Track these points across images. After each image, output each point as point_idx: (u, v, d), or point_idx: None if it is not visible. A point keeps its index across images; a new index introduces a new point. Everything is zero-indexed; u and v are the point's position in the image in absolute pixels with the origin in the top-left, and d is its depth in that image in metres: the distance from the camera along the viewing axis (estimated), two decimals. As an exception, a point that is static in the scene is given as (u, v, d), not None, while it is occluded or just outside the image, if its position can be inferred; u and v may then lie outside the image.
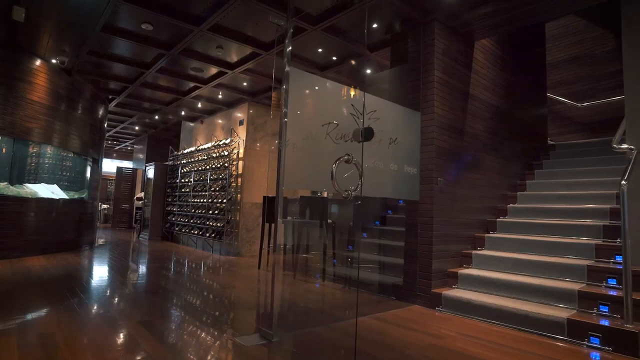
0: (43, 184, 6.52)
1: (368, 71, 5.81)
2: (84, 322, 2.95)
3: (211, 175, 8.05)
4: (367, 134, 2.93)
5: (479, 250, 4.37)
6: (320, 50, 5.22)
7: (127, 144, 14.57)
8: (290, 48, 3.09)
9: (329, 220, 5.29)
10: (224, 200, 7.46)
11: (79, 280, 4.46)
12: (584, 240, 3.84)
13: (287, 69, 2.97)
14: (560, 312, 3.07)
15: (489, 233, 4.63)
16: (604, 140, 5.75)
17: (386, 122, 3.77)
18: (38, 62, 6.00)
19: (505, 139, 5.28)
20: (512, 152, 5.44)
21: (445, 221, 4.11)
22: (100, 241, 8.81)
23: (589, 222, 4.03)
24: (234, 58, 5.72)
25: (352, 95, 4.01)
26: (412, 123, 4.13)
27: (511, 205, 4.96)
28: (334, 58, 5.45)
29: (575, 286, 3.27)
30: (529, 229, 4.37)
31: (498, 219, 4.70)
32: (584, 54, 7.25)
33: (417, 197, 4.08)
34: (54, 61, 6.09)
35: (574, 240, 3.89)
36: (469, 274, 3.94)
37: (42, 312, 3.19)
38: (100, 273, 5.15)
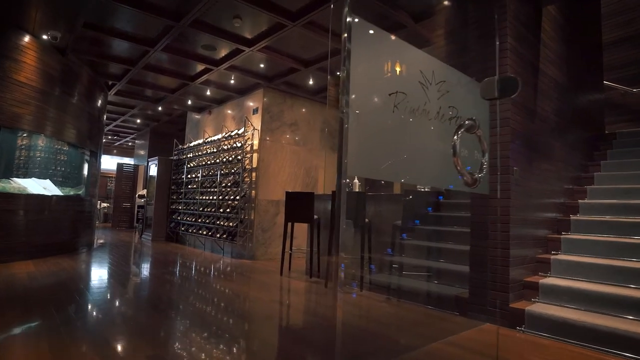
0: (34, 179, 5.76)
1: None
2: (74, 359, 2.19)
3: (222, 169, 7.29)
4: (507, 86, 2.15)
5: (556, 254, 3.62)
6: (357, 20, 4.46)
7: (127, 139, 13.81)
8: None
9: (366, 220, 4.55)
10: (237, 197, 6.71)
11: (71, 292, 3.71)
12: (699, 243, 3.09)
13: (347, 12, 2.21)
14: None
15: (563, 234, 3.88)
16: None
17: (455, 97, 3.02)
18: (27, 39, 5.23)
19: (570, 124, 4.54)
20: (574, 140, 4.70)
21: (520, 220, 3.37)
22: (100, 242, 8.06)
23: (698, 220, 3.28)
24: (252, 32, 4.97)
25: (397, 72, 3.28)
26: (481, 100, 3.37)
27: (582, 200, 4.21)
28: (371, 32, 4.68)
29: None
30: (617, 229, 3.61)
31: (571, 217, 3.96)
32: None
33: (486, 190, 3.32)
34: (45, 37, 5.32)
35: (684, 243, 3.14)
36: (552, 284, 3.20)
37: (19, 341, 2.44)
38: (98, 282, 4.41)
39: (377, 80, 2.44)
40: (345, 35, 2.29)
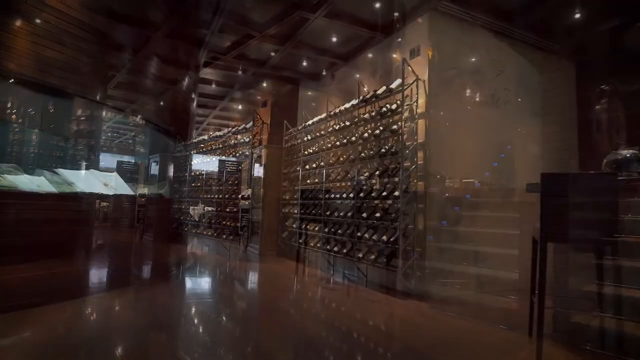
0: (26, 175, 5.34)
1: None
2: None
3: (228, 166, 6.87)
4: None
5: (613, 259, 3.19)
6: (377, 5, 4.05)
7: (128, 136, 13.40)
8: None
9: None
10: (244, 196, 6.30)
11: (61, 304, 3.24)
12: None
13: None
14: None
15: (616, 236, 3.45)
16: None
17: (508, 78, 2.60)
18: (18, 23, 4.81)
19: (613, 112, 4.13)
20: (615, 130, 4.29)
21: (575, 219, 2.94)
22: (98, 243, 7.63)
23: None
24: (264, 15, 4.55)
25: (429, 55, 2.91)
26: (530, 85, 2.96)
27: (631, 198, 3.78)
28: (396, 13, 4.27)
29: None
30: (681, 230, 3.19)
31: (626, 216, 3.53)
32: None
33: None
34: (38, 21, 4.90)
35: None
36: (616, 294, 2.78)
37: (0, 365, 2.02)
38: (93, 290, 4.00)
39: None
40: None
